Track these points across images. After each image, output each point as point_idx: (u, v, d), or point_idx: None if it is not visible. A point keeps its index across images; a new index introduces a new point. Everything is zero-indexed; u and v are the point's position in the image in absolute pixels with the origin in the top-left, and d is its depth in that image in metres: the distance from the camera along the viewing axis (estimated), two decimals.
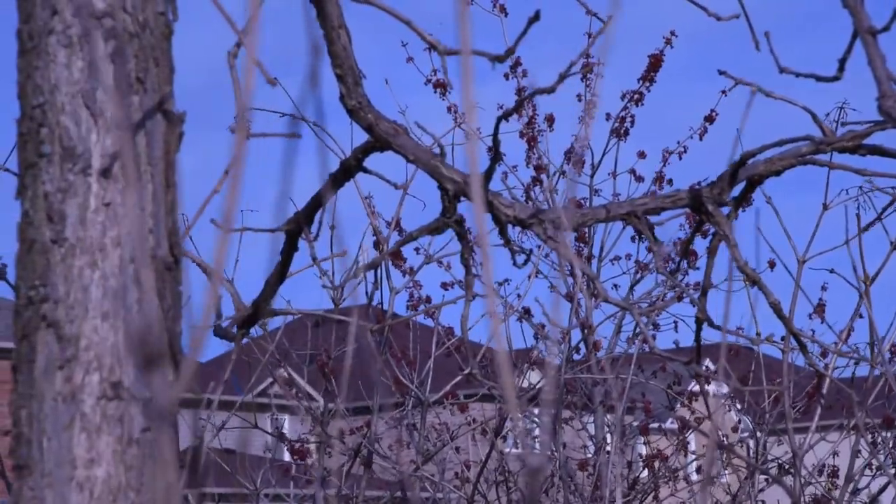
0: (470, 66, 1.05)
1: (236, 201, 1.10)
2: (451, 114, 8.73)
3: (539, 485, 0.99)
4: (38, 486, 2.31)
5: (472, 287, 3.33)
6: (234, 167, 1.08)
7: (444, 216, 3.12)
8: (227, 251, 1.08)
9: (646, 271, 8.89)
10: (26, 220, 2.39)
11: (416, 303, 7.91)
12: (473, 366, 7.08)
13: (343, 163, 3.13)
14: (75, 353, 2.34)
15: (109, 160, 2.39)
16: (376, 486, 7.60)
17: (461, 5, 1.14)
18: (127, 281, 2.39)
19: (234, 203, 1.07)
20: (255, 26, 1.57)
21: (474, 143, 1.13)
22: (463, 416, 7.97)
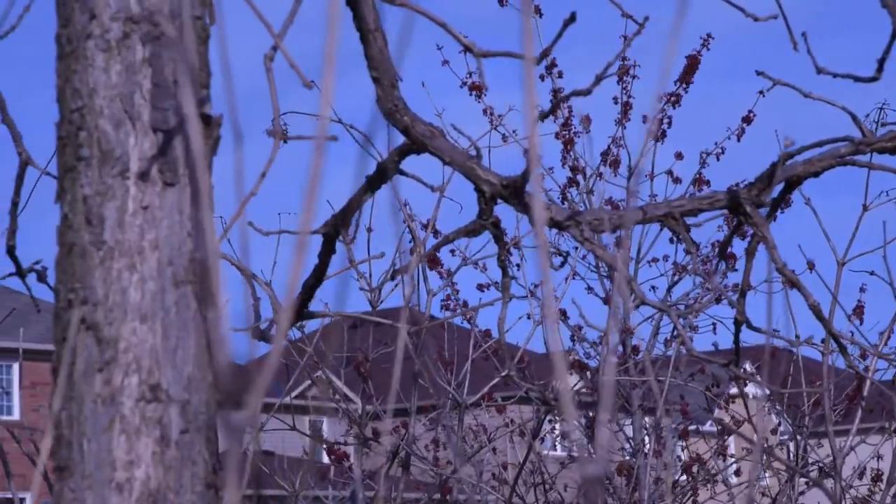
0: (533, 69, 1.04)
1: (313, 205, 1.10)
2: (486, 116, 8.72)
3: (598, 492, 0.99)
4: (79, 487, 2.32)
5: (509, 289, 3.33)
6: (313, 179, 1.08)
7: (481, 218, 3.12)
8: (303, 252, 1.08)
9: (683, 273, 8.86)
10: (65, 223, 2.40)
11: (454, 305, 7.90)
12: (511, 368, 7.07)
13: (380, 165, 3.13)
14: (114, 355, 2.35)
15: (147, 163, 2.40)
16: (414, 488, 7.60)
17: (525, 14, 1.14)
18: (165, 283, 2.40)
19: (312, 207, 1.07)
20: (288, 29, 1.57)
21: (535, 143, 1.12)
22: (500, 417, 7.96)
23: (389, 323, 3.95)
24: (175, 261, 2.40)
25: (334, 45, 1.17)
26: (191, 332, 2.41)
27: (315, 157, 1.23)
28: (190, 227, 2.42)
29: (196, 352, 2.41)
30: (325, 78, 1.16)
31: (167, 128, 2.41)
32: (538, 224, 1.07)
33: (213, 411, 2.43)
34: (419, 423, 6.96)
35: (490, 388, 7.30)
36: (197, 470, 2.37)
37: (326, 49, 1.18)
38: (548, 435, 8.43)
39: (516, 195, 2.99)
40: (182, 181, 2.42)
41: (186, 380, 2.39)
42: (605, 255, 2.83)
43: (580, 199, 8.81)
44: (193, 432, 2.38)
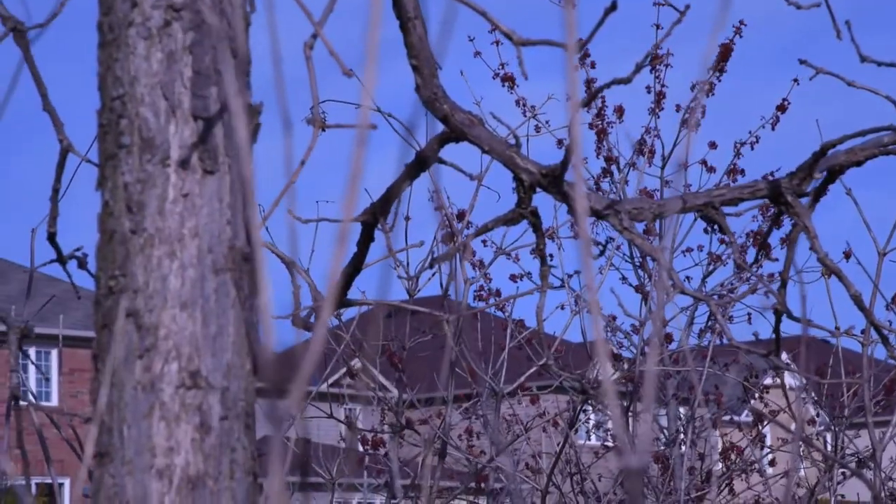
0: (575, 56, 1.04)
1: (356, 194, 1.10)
2: (519, 107, 8.70)
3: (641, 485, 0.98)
4: (119, 473, 2.34)
5: (547, 278, 3.32)
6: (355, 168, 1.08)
7: (520, 207, 3.11)
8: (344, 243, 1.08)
9: (718, 263, 8.83)
10: (106, 210, 2.41)
11: (487, 295, 7.90)
12: (548, 357, 7.06)
13: (419, 154, 3.13)
14: (154, 342, 2.36)
15: (187, 151, 2.40)
16: (449, 477, 7.61)
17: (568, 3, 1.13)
18: (205, 271, 2.40)
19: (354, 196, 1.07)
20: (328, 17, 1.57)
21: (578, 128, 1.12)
22: (534, 407, 7.95)
23: (428, 311, 3.95)
24: (215, 248, 2.41)
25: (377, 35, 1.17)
26: (230, 320, 2.42)
27: (357, 146, 1.23)
28: (230, 215, 2.43)
29: (235, 339, 2.42)
30: (367, 67, 1.15)
31: (207, 116, 2.41)
32: (580, 213, 1.06)
33: (253, 398, 2.44)
34: (455, 412, 6.96)
35: (525, 377, 7.29)
36: (236, 457, 2.38)
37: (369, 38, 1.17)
38: (583, 425, 8.41)
39: (555, 184, 2.98)
40: (222, 169, 2.42)
41: (226, 367, 2.40)
42: (645, 244, 2.82)
43: (614, 190, 8.79)
44: (233, 419, 2.39)
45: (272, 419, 1.19)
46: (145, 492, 2.32)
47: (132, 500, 2.32)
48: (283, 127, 1.28)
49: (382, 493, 6.92)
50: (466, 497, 7.41)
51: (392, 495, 6.21)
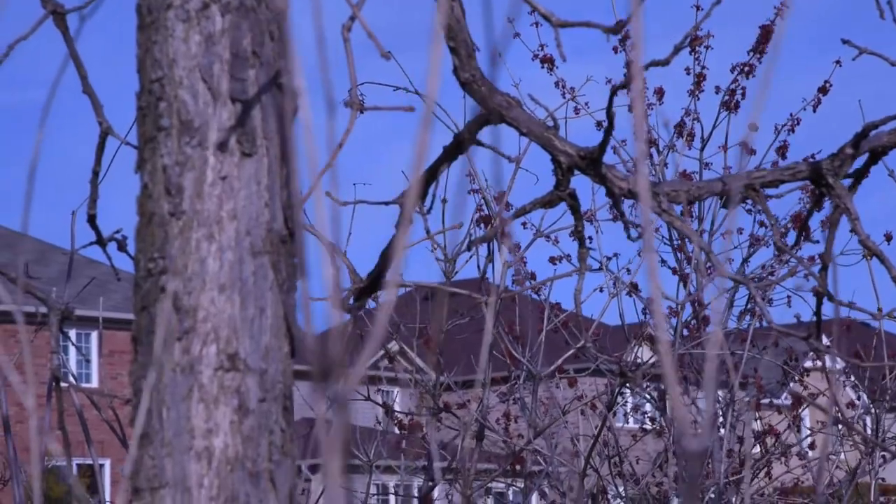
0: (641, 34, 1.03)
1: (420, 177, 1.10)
2: (558, 88, 8.68)
3: (700, 469, 0.98)
4: (158, 455, 2.35)
5: (585, 260, 3.31)
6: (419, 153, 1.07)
7: (558, 189, 3.10)
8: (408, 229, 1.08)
9: (758, 245, 8.78)
10: (145, 192, 2.42)
11: (524, 277, 7.89)
12: (586, 340, 7.04)
13: (456, 136, 3.12)
14: (193, 324, 2.37)
15: (226, 134, 2.40)
16: (487, 460, 7.61)
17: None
18: (243, 253, 2.41)
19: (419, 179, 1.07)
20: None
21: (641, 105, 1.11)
22: (572, 390, 7.94)
23: (465, 294, 3.95)
24: (253, 231, 2.41)
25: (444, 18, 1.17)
26: (268, 302, 2.42)
27: (421, 131, 1.23)
28: (267, 197, 2.43)
29: (273, 322, 2.42)
30: (432, 51, 1.15)
31: (246, 98, 2.42)
32: (643, 197, 1.06)
33: (291, 381, 2.44)
34: (492, 395, 6.96)
35: (563, 360, 7.28)
36: (274, 439, 2.39)
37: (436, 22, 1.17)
38: (620, 408, 8.40)
39: (593, 166, 2.96)
40: (260, 152, 2.43)
41: (264, 349, 2.40)
42: (684, 226, 2.81)
43: (653, 172, 8.76)
44: (271, 401, 2.40)
45: (333, 401, 1.19)
46: (184, 473, 2.33)
47: (171, 481, 2.33)
48: (327, 108, 1.27)
49: (420, 476, 6.94)
50: (504, 480, 7.42)
51: (430, 478, 6.22)
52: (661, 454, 7.58)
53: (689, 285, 8.43)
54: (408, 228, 1.11)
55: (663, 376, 1.17)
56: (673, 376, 1.20)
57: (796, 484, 9.02)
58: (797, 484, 9.02)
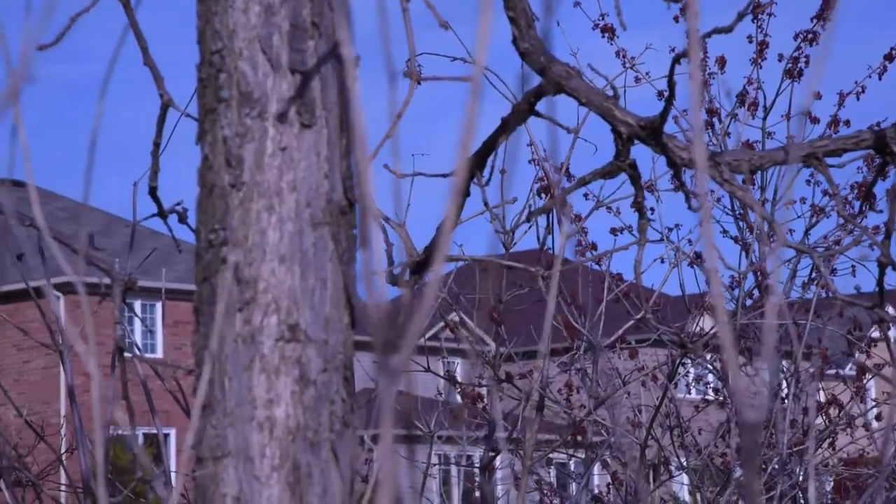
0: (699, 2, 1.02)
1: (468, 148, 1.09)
2: (619, 58, 8.62)
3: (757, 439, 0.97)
4: (221, 424, 2.37)
5: (645, 231, 3.29)
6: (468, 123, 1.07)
7: (617, 160, 3.09)
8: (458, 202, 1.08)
9: (821, 215, 8.70)
10: (206, 164, 2.43)
11: (584, 248, 7.87)
12: (647, 310, 7.02)
13: (515, 107, 3.11)
14: (254, 295, 2.38)
15: (285, 105, 2.41)
16: (548, 430, 7.62)
17: None
18: (303, 224, 2.41)
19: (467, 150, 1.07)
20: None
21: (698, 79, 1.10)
22: (632, 361, 7.92)
23: (524, 267, 3.95)
24: (312, 202, 2.42)
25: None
26: (328, 274, 2.43)
27: (470, 100, 1.22)
28: (327, 168, 2.44)
29: (333, 293, 2.43)
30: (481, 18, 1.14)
31: (305, 69, 2.42)
32: (699, 166, 1.05)
33: (351, 352, 2.45)
34: (553, 366, 6.96)
35: (623, 330, 7.26)
36: (335, 409, 2.40)
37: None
38: (682, 378, 8.37)
39: (654, 136, 2.95)
40: (319, 123, 2.43)
41: (324, 320, 2.41)
42: (746, 196, 2.79)
43: (714, 142, 8.69)
44: (331, 372, 2.41)
45: (383, 372, 1.20)
46: (246, 443, 2.35)
47: (234, 450, 2.35)
48: (388, 79, 1.27)
49: (481, 446, 6.95)
50: (565, 450, 7.42)
51: (492, 448, 6.23)
52: (724, 425, 7.55)
53: (751, 255, 8.37)
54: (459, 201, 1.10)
55: (722, 346, 1.16)
56: (731, 346, 1.20)
57: (861, 455, 8.95)
58: (862, 455, 8.95)
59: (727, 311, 8.14)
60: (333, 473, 2.37)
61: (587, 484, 7.18)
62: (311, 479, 2.35)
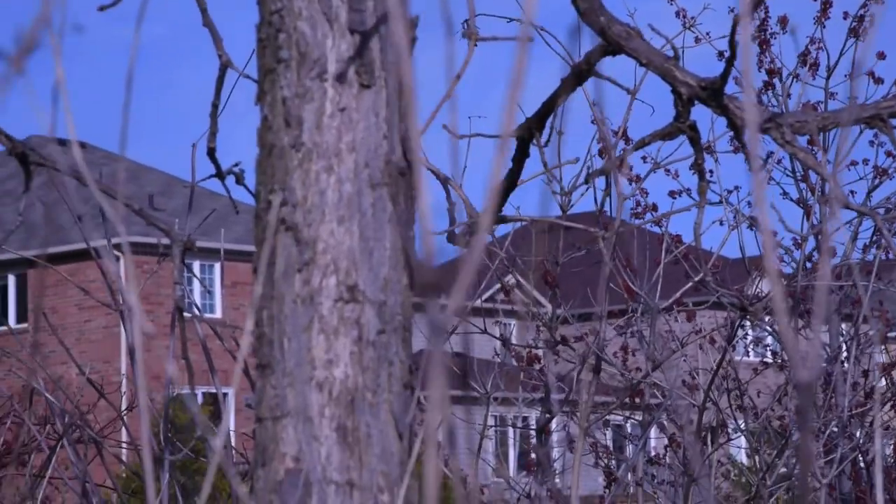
0: None
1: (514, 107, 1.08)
2: (679, 18, 8.54)
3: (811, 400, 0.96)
4: (280, 384, 2.38)
5: (705, 193, 3.26)
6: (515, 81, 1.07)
7: (678, 121, 3.06)
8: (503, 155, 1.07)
9: (885, 177, 8.61)
10: (265, 124, 2.43)
11: (643, 210, 7.83)
12: (706, 273, 6.97)
13: (574, 67, 3.09)
14: (313, 256, 2.39)
15: (344, 65, 2.40)
16: (604, 392, 7.61)
17: None
18: (362, 186, 2.41)
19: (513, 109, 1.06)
20: None
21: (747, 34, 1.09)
22: (690, 324, 7.89)
23: (582, 227, 3.93)
24: (371, 163, 2.42)
25: None
26: (387, 234, 2.43)
27: (518, 59, 1.21)
28: (386, 129, 2.43)
29: (392, 254, 2.43)
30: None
31: (364, 29, 2.41)
32: (751, 127, 1.03)
33: (410, 312, 2.45)
34: (610, 328, 6.94)
35: (682, 293, 7.23)
36: (394, 370, 2.40)
37: None
38: (740, 341, 8.33)
39: (715, 97, 2.92)
40: (378, 83, 2.42)
41: (383, 281, 2.41)
42: (808, 157, 2.75)
43: (776, 103, 8.60)
44: (390, 333, 2.41)
45: (434, 332, 1.19)
46: (305, 403, 2.36)
47: (293, 410, 2.36)
48: (445, 35, 1.26)
49: (537, 408, 6.96)
50: (622, 412, 7.41)
51: (548, 410, 6.23)
52: (782, 387, 7.50)
53: (812, 217, 8.30)
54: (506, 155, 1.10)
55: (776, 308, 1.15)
56: (783, 307, 1.18)
57: None
58: None
59: (787, 273, 8.07)
60: (392, 434, 2.38)
61: (644, 446, 7.17)
62: (370, 440, 2.36)
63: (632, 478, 7.17)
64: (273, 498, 2.33)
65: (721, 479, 8.89)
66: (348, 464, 2.34)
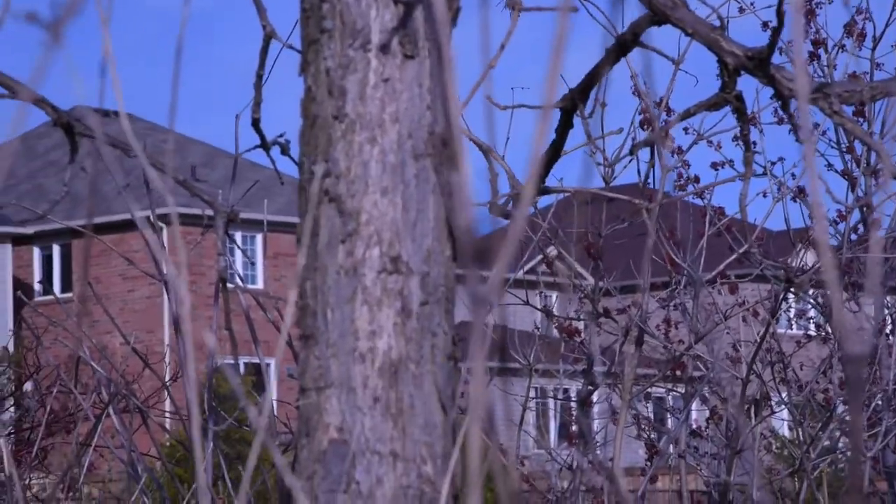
0: None
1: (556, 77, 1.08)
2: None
3: (862, 373, 0.95)
4: (324, 355, 2.38)
5: (751, 164, 3.24)
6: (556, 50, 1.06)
7: (724, 91, 3.03)
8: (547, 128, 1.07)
9: None
10: (309, 95, 2.43)
11: (686, 182, 7.78)
12: (751, 245, 6.93)
13: (619, 38, 3.07)
14: (356, 227, 2.39)
15: (388, 36, 2.40)
16: (647, 365, 7.59)
17: None
18: (405, 156, 2.41)
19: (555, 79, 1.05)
20: None
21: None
22: (733, 296, 7.85)
23: (626, 199, 3.91)
24: (415, 134, 2.41)
25: None
26: (430, 206, 2.42)
27: (559, 28, 1.20)
28: (429, 100, 2.42)
29: (435, 225, 2.42)
30: None
31: (408, 0, 2.40)
32: (801, 96, 1.02)
33: (453, 283, 2.45)
34: (652, 301, 6.91)
35: (725, 265, 7.19)
36: (437, 341, 2.40)
37: None
38: (784, 313, 8.28)
39: (761, 67, 2.89)
40: (422, 54, 2.41)
41: (426, 252, 2.41)
42: (856, 128, 2.72)
43: (821, 74, 8.52)
44: (433, 304, 2.41)
45: (476, 302, 1.19)
46: (349, 374, 2.36)
47: (336, 381, 2.36)
48: (480, 5, 1.25)
49: (578, 380, 6.95)
50: (664, 385, 7.39)
51: (590, 382, 6.22)
52: (826, 360, 7.46)
53: (857, 189, 8.23)
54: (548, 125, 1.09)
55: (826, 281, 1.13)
56: (835, 279, 1.16)
57: None
58: None
59: (833, 245, 8.01)
60: (435, 405, 2.38)
61: (687, 418, 7.15)
62: (413, 411, 2.36)
63: (674, 450, 7.15)
64: (317, 468, 2.34)
65: (763, 451, 8.86)
66: (391, 434, 2.34)
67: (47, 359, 4.35)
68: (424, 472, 2.35)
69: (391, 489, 2.32)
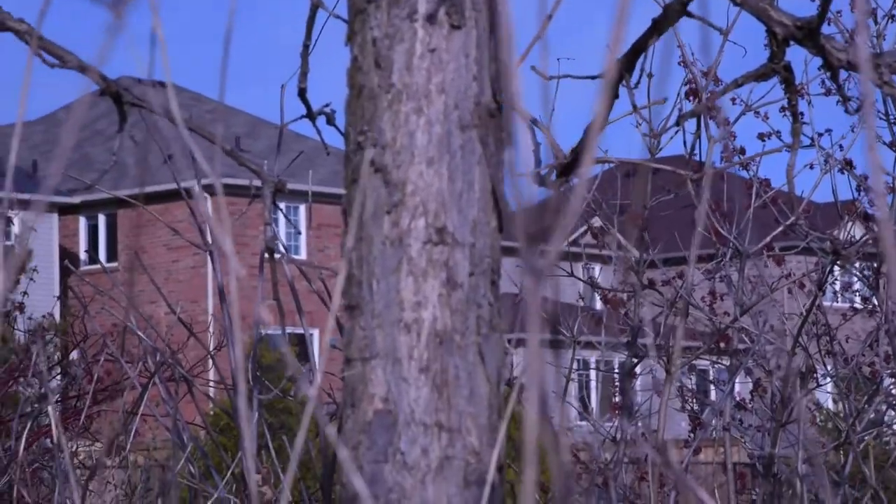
0: None
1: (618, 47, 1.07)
2: None
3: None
4: (369, 326, 2.38)
5: (799, 135, 3.21)
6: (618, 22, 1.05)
7: (772, 62, 3.00)
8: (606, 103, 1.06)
9: None
10: (355, 65, 2.42)
11: (732, 153, 7.73)
12: (798, 217, 6.88)
13: (666, 7, 3.04)
14: (402, 198, 2.38)
15: (435, 5, 2.38)
16: (692, 337, 7.57)
17: None
18: (451, 127, 2.40)
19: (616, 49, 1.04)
20: None
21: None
22: (779, 269, 7.80)
23: (672, 170, 3.89)
24: (461, 104, 2.40)
25: None
26: (476, 177, 2.41)
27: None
28: (476, 70, 2.41)
29: (481, 196, 2.42)
30: None
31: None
32: (863, 67, 1.00)
33: (498, 255, 2.44)
34: (697, 273, 6.89)
35: (771, 237, 7.15)
36: (482, 313, 2.40)
37: None
38: (830, 286, 8.23)
39: (811, 37, 2.86)
40: (469, 24, 2.40)
41: (472, 223, 2.40)
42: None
43: (870, 44, 8.42)
44: (479, 276, 2.40)
45: (531, 274, 1.18)
46: (394, 345, 2.36)
47: (382, 352, 2.36)
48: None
49: (621, 352, 6.94)
50: (709, 357, 7.36)
51: (634, 354, 6.21)
52: (873, 333, 7.41)
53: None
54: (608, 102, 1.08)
55: (879, 253, 1.11)
56: (892, 252, 1.15)
57: None
58: None
59: (878, 217, 7.93)
60: (480, 376, 2.38)
61: (731, 391, 7.12)
62: (458, 382, 2.36)
63: (718, 422, 7.13)
64: (362, 438, 2.35)
65: (808, 424, 8.82)
66: (437, 405, 2.34)
67: (94, 327, 4.38)
68: (469, 443, 2.35)
69: (436, 460, 2.32)
